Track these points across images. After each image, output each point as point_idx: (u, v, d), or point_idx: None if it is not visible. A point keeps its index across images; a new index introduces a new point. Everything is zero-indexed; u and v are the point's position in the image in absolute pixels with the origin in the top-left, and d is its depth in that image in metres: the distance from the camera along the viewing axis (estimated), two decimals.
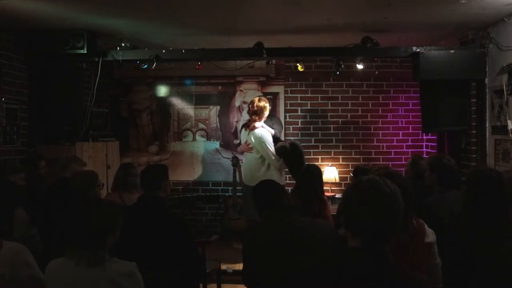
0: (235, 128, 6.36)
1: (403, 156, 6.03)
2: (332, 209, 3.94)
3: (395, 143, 6.18)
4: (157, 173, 3.04)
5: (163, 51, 4.83)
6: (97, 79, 4.96)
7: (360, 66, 4.99)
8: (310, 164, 4.10)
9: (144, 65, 5.02)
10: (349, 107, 6.19)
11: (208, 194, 6.00)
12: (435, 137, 5.72)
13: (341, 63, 4.87)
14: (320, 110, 6.20)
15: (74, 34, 4.61)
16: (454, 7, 3.85)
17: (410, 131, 6.17)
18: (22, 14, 4.03)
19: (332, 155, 6.17)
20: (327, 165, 6.00)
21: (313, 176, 3.73)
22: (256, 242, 2.52)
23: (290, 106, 6.23)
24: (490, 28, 4.51)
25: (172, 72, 6.14)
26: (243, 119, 6.31)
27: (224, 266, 4.65)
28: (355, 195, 1.53)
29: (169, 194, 5.28)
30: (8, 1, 3.62)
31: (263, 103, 4.78)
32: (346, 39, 4.74)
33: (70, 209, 2.18)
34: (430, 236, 2.23)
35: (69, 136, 5.01)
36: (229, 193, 6.03)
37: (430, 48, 4.62)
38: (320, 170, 3.89)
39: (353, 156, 6.18)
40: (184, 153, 6.44)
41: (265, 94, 6.16)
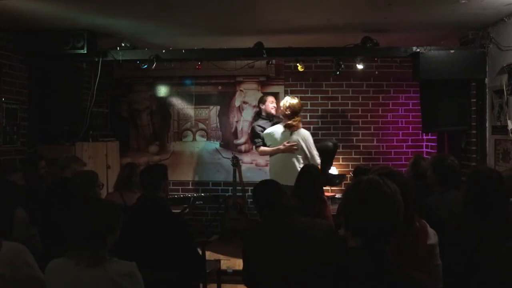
0: (235, 128, 6.36)
1: (403, 156, 6.04)
2: (332, 209, 3.95)
3: (395, 143, 6.18)
4: (157, 173, 3.04)
5: (163, 51, 4.84)
6: (97, 79, 4.96)
7: (360, 66, 5.00)
8: (310, 164, 4.11)
9: (144, 65, 5.03)
10: (349, 107, 6.19)
11: (208, 194, 6.00)
12: (435, 137, 5.72)
13: (341, 63, 4.88)
14: (320, 110, 6.21)
15: (74, 34, 4.61)
16: (454, 7, 3.85)
17: (410, 131, 6.17)
18: (22, 14, 4.03)
19: None
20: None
21: (313, 176, 3.73)
22: (256, 242, 2.52)
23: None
24: (490, 28, 4.51)
25: (172, 72, 6.14)
26: (243, 119, 6.32)
27: (224, 266, 4.65)
28: (355, 195, 1.53)
29: (169, 194, 5.28)
30: (8, 1, 3.62)
31: (298, 100, 4.82)
32: (346, 39, 4.74)
33: (70, 209, 2.17)
34: (433, 238, 2.22)
35: (69, 136, 5.01)
36: (229, 193, 6.04)
37: (430, 48, 4.62)
38: (320, 170, 3.89)
39: (353, 156, 6.18)
40: (184, 153, 6.44)
41: (265, 94, 6.17)
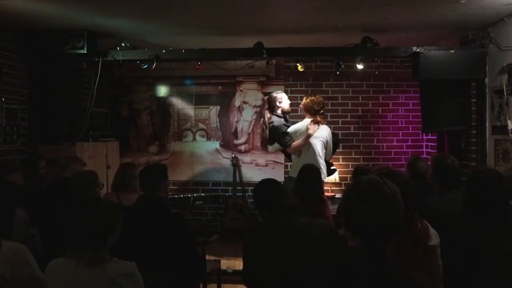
0: (235, 128, 6.36)
1: (403, 156, 6.03)
2: (332, 209, 3.95)
3: (395, 143, 6.18)
4: (157, 173, 3.04)
5: (163, 51, 4.84)
6: (97, 79, 4.97)
7: (360, 66, 5.00)
8: (310, 164, 4.10)
9: (144, 65, 5.03)
10: (349, 107, 6.19)
11: (208, 194, 6.00)
12: (435, 137, 5.72)
13: (341, 63, 4.88)
14: None
15: (74, 34, 4.61)
16: (454, 7, 3.85)
17: (410, 131, 6.16)
18: (22, 14, 4.03)
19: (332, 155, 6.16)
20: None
21: (313, 176, 3.73)
22: (256, 242, 2.52)
23: (290, 106, 6.22)
24: (490, 28, 4.51)
25: (172, 72, 6.14)
26: (243, 119, 6.32)
27: (224, 266, 4.65)
28: (355, 195, 1.53)
29: (169, 194, 5.28)
30: (8, 1, 3.62)
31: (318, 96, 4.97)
32: (346, 39, 4.74)
33: (70, 209, 2.17)
34: (434, 239, 2.21)
35: (69, 136, 5.01)
36: (229, 193, 6.04)
37: (430, 48, 4.62)
38: (320, 170, 3.89)
39: (353, 156, 6.18)
40: (184, 153, 6.44)
41: (265, 94, 6.18)
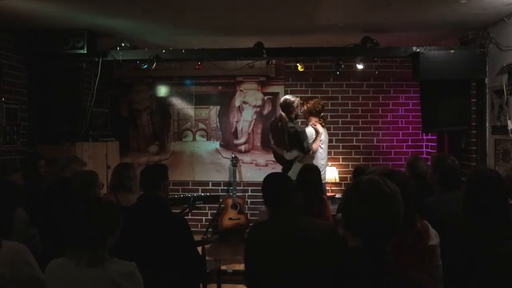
0: (235, 128, 6.36)
1: (403, 156, 6.03)
2: (332, 209, 3.95)
3: (395, 143, 6.18)
4: (157, 173, 3.03)
5: (163, 51, 4.84)
6: (97, 79, 4.97)
7: (360, 66, 5.00)
8: (310, 164, 4.10)
9: (144, 65, 5.03)
10: (349, 107, 6.19)
11: (208, 194, 6.00)
12: (435, 137, 5.72)
13: (341, 63, 4.88)
14: None
15: (74, 34, 4.62)
16: (454, 7, 3.85)
17: (410, 131, 6.17)
18: (22, 14, 4.03)
19: (332, 155, 6.16)
20: (327, 165, 5.99)
21: (312, 176, 3.73)
22: (257, 242, 2.52)
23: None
24: (490, 28, 4.51)
25: (172, 72, 6.14)
26: (243, 119, 6.32)
27: (224, 266, 4.65)
28: (355, 195, 1.53)
29: (169, 194, 5.28)
30: (8, 1, 3.62)
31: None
32: (346, 39, 4.74)
33: (70, 209, 2.17)
34: (434, 239, 2.20)
35: (69, 136, 5.01)
36: (229, 193, 6.04)
37: (430, 48, 4.62)
38: (319, 170, 3.89)
39: (353, 156, 6.18)
40: (184, 153, 6.44)
41: (265, 94, 6.18)
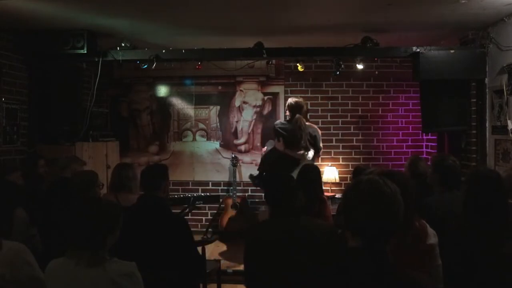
0: (235, 128, 6.36)
1: (403, 156, 6.03)
2: (332, 209, 3.95)
3: (395, 143, 6.18)
4: (157, 173, 3.03)
5: (163, 51, 4.84)
6: (97, 79, 4.97)
7: (360, 66, 5.00)
8: (310, 164, 4.10)
9: (144, 65, 5.03)
10: (349, 107, 6.19)
11: (208, 194, 6.00)
12: (435, 137, 5.72)
13: (341, 63, 4.88)
14: (320, 110, 6.21)
15: (74, 34, 4.62)
16: (454, 7, 3.85)
17: (410, 131, 6.17)
18: (22, 14, 4.03)
19: (332, 155, 6.17)
20: (327, 165, 6.00)
21: (312, 176, 3.73)
22: (257, 242, 2.52)
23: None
24: (490, 28, 4.51)
25: (172, 72, 6.14)
26: (243, 119, 6.33)
27: (224, 266, 4.65)
28: (355, 195, 1.53)
29: (169, 194, 5.28)
30: (8, 1, 3.62)
31: None
32: (346, 39, 4.74)
33: (70, 209, 2.17)
34: (432, 238, 2.22)
35: (69, 136, 5.01)
36: (229, 193, 6.04)
37: (430, 48, 4.62)
38: (319, 170, 3.89)
39: (353, 156, 6.18)
40: (184, 153, 6.44)
41: (265, 94, 6.18)
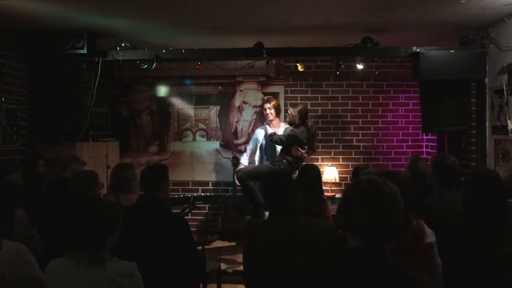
0: (235, 128, 6.36)
1: (403, 156, 6.03)
2: (332, 209, 3.95)
3: (395, 143, 6.18)
4: (158, 173, 3.03)
5: (163, 51, 4.84)
6: (97, 79, 4.97)
7: (360, 66, 5.00)
8: (310, 164, 4.10)
9: (144, 65, 5.03)
10: (349, 107, 6.19)
11: (208, 194, 6.00)
12: (435, 137, 5.72)
13: (341, 63, 4.88)
14: (320, 110, 6.21)
15: (74, 34, 4.61)
16: (454, 7, 3.85)
17: (410, 131, 6.17)
18: (22, 14, 4.03)
19: (332, 155, 6.17)
20: (327, 165, 6.00)
21: (312, 176, 3.73)
22: (256, 242, 2.52)
23: (290, 106, 6.22)
24: (490, 28, 4.51)
25: (172, 72, 6.14)
26: (243, 119, 6.33)
27: (224, 266, 4.65)
28: (355, 195, 1.53)
29: (169, 194, 5.29)
30: (8, 1, 3.62)
31: None
32: (346, 39, 4.74)
33: (70, 209, 2.17)
34: (430, 237, 2.22)
35: (69, 136, 5.01)
36: (229, 193, 6.04)
37: (430, 48, 4.62)
38: (319, 170, 3.89)
39: (353, 156, 6.18)
40: (184, 153, 6.44)
41: (265, 94, 6.18)
